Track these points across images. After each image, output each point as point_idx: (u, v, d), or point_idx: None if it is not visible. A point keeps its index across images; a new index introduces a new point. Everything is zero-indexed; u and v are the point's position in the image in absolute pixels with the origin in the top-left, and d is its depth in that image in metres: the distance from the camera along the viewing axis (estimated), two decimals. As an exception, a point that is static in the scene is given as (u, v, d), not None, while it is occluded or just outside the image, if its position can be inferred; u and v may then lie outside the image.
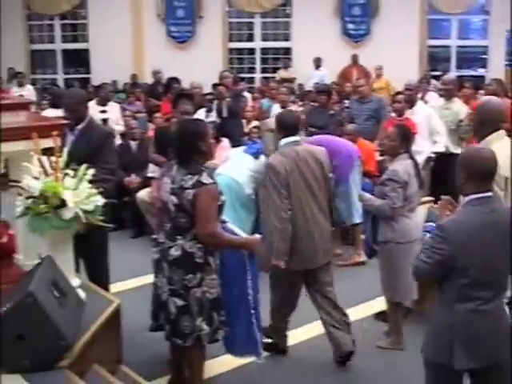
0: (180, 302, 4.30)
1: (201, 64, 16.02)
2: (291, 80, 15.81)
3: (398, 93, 9.00)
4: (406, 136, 5.51)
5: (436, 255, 3.57)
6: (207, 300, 4.34)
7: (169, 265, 4.31)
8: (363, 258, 7.12)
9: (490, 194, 3.62)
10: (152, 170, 8.12)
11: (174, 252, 4.29)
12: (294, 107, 10.26)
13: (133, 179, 8.81)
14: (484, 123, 4.78)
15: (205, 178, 4.25)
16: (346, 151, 7.61)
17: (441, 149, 8.28)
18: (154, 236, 4.68)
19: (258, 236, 4.65)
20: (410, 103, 8.50)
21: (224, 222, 4.65)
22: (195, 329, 4.33)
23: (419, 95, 10.30)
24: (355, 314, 5.89)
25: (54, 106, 9.58)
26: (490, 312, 3.61)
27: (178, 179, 4.30)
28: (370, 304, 6.31)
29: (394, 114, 8.64)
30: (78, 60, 18.78)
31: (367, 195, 5.60)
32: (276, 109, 10.25)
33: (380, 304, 5.97)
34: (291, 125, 5.24)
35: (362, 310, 6.21)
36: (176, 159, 4.44)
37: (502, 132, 4.78)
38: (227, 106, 9.31)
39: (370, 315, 6.14)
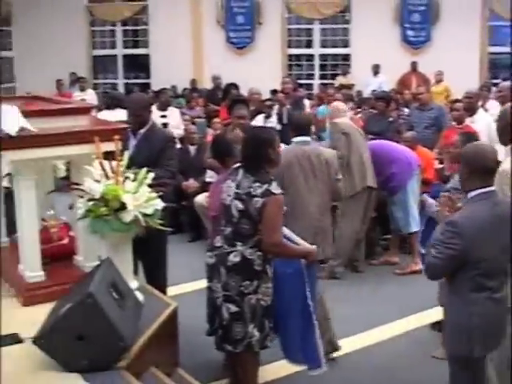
0: (234, 308, 4.29)
1: (259, 70, 16.08)
2: (350, 86, 15.75)
3: (457, 101, 8.89)
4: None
5: (449, 250, 3.69)
6: (261, 307, 4.32)
7: (226, 270, 4.29)
8: (420, 266, 7.04)
9: (492, 188, 3.78)
10: (210, 175, 8.15)
11: (234, 258, 4.27)
12: (349, 114, 10.22)
13: (191, 183, 8.88)
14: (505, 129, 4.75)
15: (274, 188, 4.22)
16: (405, 158, 7.55)
17: (501, 157, 8.13)
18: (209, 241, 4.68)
19: (314, 246, 4.62)
20: (470, 111, 8.37)
21: None
22: (246, 335, 4.31)
23: (479, 103, 10.15)
24: (412, 323, 5.84)
25: (110, 107, 9.74)
26: (501, 300, 3.80)
27: (245, 185, 4.27)
28: (427, 313, 6.23)
29: (454, 123, 8.53)
30: (139, 65, 19.04)
31: (430, 200, 5.54)
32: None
33: (437, 313, 5.89)
34: (303, 126, 5.77)
35: (418, 319, 6.15)
36: (243, 165, 4.42)
37: None
38: (287, 112, 9.31)
39: (427, 325, 6.06)
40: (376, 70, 16.25)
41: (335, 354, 5.39)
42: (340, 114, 7.64)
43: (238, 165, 4.48)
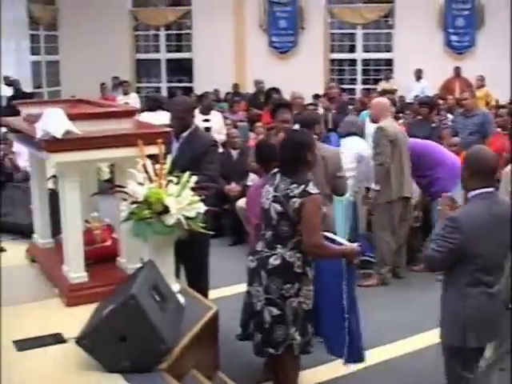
0: (276, 311, 4.30)
1: (302, 74, 16.06)
2: (392, 92, 15.64)
3: (501, 106, 8.77)
4: None
5: (449, 244, 3.90)
6: (302, 310, 4.33)
7: (267, 273, 4.30)
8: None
9: (492, 189, 4.02)
10: (252, 179, 8.18)
11: (274, 261, 4.29)
12: (391, 119, 10.16)
13: (233, 187, 8.89)
14: None
15: (311, 188, 4.25)
16: (451, 163, 7.45)
17: None
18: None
19: (355, 244, 4.62)
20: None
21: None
22: (287, 337, 4.32)
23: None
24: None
25: (152, 109, 9.82)
26: (495, 294, 3.99)
27: (283, 188, 4.30)
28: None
29: (499, 129, 8.42)
30: (182, 69, 19.16)
31: None
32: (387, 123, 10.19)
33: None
34: (307, 123, 5.89)
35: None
36: (280, 168, 4.45)
37: None
38: (332, 117, 9.28)
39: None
40: (419, 74, 16.12)
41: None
42: (384, 114, 7.49)
43: (275, 170, 4.52)
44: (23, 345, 3.53)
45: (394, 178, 7.17)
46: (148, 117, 10.45)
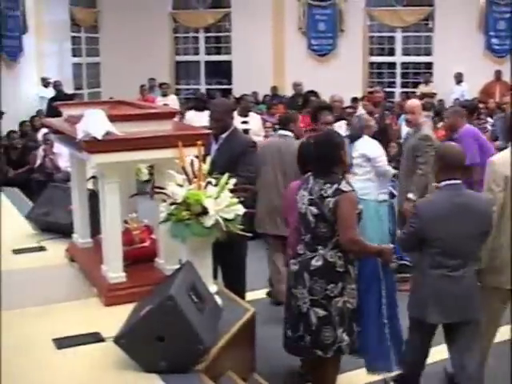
0: (322, 312, 4.32)
1: (340, 77, 16.01)
2: (431, 95, 15.53)
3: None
4: None
5: (411, 228, 4.47)
6: (348, 310, 4.35)
7: (310, 275, 4.33)
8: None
9: (458, 181, 4.44)
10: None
11: (316, 262, 4.32)
12: (429, 123, 10.08)
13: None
14: None
15: (344, 186, 4.28)
16: None
17: None
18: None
19: (391, 246, 4.61)
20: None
21: None
22: (336, 339, 4.33)
23: None
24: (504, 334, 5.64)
25: (197, 109, 9.89)
26: (458, 278, 4.37)
27: (317, 189, 4.33)
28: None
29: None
30: (221, 71, 19.22)
31: None
32: (426, 127, 10.11)
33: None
34: (282, 122, 6.94)
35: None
36: (314, 169, 4.47)
37: None
38: (376, 121, 9.22)
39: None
40: (459, 78, 15.97)
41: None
42: (420, 117, 7.40)
43: (308, 174, 4.54)
44: (62, 343, 3.57)
45: (431, 187, 7.09)
46: (194, 116, 10.59)
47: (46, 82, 15.30)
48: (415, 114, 7.36)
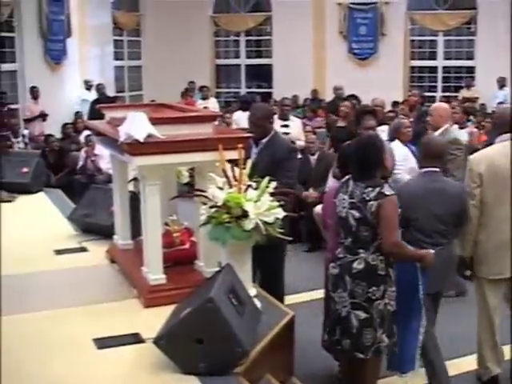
0: (363, 315, 4.32)
1: (381, 81, 15.93)
2: (473, 100, 15.38)
3: None
4: None
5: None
6: (388, 312, 4.35)
7: (352, 278, 4.33)
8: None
9: (436, 169, 5.00)
10: (329, 186, 8.13)
11: (358, 265, 4.32)
12: (472, 128, 10.01)
13: (310, 193, 8.86)
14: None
15: (386, 190, 4.27)
16: None
17: None
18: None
19: (431, 251, 4.58)
20: None
21: None
22: (375, 341, 4.34)
23: None
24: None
25: (243, 109, 9.98)
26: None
27: (358, 193, 4.32)
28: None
29: None
30: (261, 75, 19.26)
31: None
32: (454, 130, 10.03)
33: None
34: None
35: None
36: (354, 173, 4.45)
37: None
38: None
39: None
40: (502, 83, 15.79)
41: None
42: (442, 121, 7.22)
43: (347, 177, 4.52)
44: (103, 343, 3.60)
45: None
46: (241, 116, 10.72)
47: (88, 85, 15.48)
48: (433, 116, 7.27)
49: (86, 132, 10.91)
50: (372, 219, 4.26)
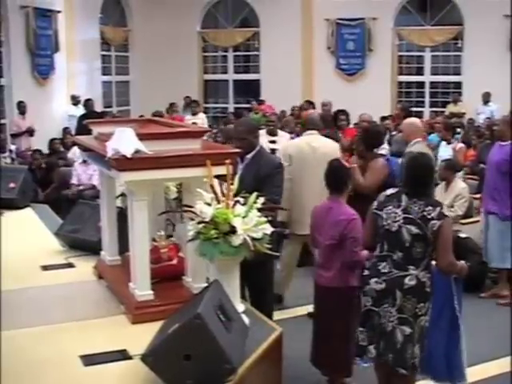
0: (408, 330, 4.42)
1: (369, 96, 16.02)
2: (460, 115, 15.46)
3: None
4: None
5: None
6: (425, 328, 4.48)
7: (403, 293, 4.42)
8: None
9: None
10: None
11: (409, 281, 4.42)
12: (458, 144, 10.08)
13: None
14: None
15: (446, 210, 4.47)
16: None
17: None
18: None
19: (463, 262, 4.66)
20: None
21: None
22: (412, 355, 4.43)
23: None
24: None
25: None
26: None
27: (417, 210, 4.40)
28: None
29: None
30: (249, 90, 19.29)
31: None
32: (443, 147, 10.16)
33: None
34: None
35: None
36: (410, 190, 4.50)
37: None
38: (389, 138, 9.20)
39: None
40: (486, 98, 15.90)
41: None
42: (416, 134, 7.43)
43: (392, 191, 4.61)
44: (89, 360, 3.57)
45: None
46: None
47: (75, 100, 15.46)
48: (405, 130, 7.72)
49: (75, 148, 10.85)
50: (431, 237, 4.36)
